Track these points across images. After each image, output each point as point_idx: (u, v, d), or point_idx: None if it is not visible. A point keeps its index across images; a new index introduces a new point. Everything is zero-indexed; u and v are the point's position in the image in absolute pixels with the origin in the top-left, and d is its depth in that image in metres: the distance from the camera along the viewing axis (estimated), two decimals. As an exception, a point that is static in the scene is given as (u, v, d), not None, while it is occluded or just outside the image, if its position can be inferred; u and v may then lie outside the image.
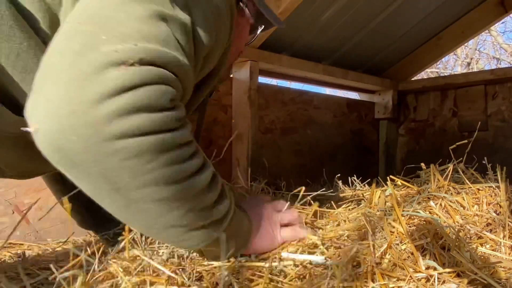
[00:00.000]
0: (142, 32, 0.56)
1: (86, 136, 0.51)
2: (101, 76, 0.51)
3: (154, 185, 0.57)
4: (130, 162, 0.54)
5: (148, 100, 0.54)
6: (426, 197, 0.96)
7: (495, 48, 7.79)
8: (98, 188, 0.56)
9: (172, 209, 0.60)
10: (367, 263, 0.70)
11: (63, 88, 0.51)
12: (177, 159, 0.58)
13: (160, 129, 0.56)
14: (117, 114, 0.51)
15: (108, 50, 0.52)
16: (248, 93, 1.63)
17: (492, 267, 0.67)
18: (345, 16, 1.80)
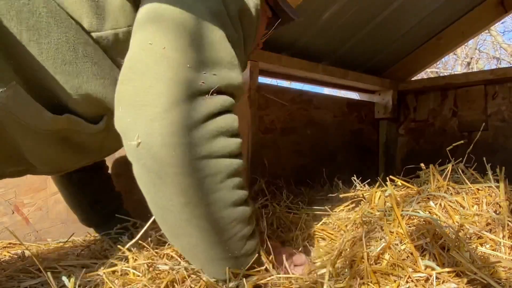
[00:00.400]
0: (217, 59, 0.67)
1: (183, 152, 0.61)
2: (194, 104, 0.62)
3: (218, 204, 0.65)
4: (207, 179, 0.63)
5: (226, 126, 0.66)
6: (425, 197, 0.96)
7: (495, 48, 7.79)
8: (173, 199, 0.64)
9: (224, 231, 0.67)
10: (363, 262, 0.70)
11: (163, 112, 0.61)
12: (238, 185, 0.68)
13: (232, 153, 0.66)
14: (206, 138, 0.63)
15: (196, 81, 0.63)
16: (248, 93, 1.63)
17: (491, 267, 0.67)
18: (345, 16, 1.80)
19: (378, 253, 0.76)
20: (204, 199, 0.64)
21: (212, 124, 0.64)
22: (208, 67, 0.65)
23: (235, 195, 0.67)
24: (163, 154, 0.61)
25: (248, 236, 0.72)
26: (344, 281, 0.67)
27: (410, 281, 0.68)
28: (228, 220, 0.67)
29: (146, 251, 0.85)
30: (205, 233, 0.67)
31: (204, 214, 0.65)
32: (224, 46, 0.68)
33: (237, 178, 0.68)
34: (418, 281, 0.67)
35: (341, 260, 0.77)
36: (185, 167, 0.62)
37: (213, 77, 0.65)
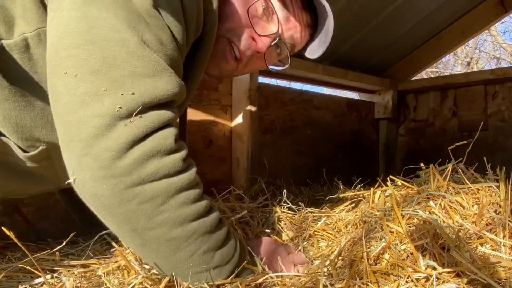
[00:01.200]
0: (134, 72, 0.62)
1: (112, 184, 0.61)
2: (114, 133, 0.60)
3: (166, 226, 0.64)
4: (145, 205, 0.62)
5: (156, 147, 0.63)
6: (425, 197, 0.96)
7: (495, 48, 7.79)
8: (120, 228, 0.65)
9: (180, 249, 0.66)
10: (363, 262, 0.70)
11: (87, 147, 0.61)
12: (186, 201, 0.66)
13: (170, 173, 0.64)
14: (134, 165, 0.61)
15: (112, 107, 0.61)
16: (248, 93, 1.63)
17: (492, 267, 0.67)
18: (345, 16, 1.80)
19: (378, 253, 0.76)
20: (149, 224, 0.63)
21: (139, 149, 0.61)
22: (125, 85, 0.61)
23: (184, 213, 0.65)
24: (96, 188, 0.62)
25: (215, 247, 0.69)
26: (344, 281, 0.66)
27: (410, 281, 0.68)
28: (182, 239, 0.65)
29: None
30: (164, 255, 0.66)
31: (154, 238, 0.64)
32: (141, 55, 0.63)
33: (184, 194, 0.65)
34: (418, 281, 0.67)
35: (341, 260, 0.77)
36: (117, 198, 0.61)
37: (131, 96, 0.61)
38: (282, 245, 0.87)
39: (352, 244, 0.85)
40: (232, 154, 1.69)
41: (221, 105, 1.66)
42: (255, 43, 0.84)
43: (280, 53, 0.92)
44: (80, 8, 0.62)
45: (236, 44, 0.83)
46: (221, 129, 1.66)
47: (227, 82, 1.68)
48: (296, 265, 0.81)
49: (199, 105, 1.58)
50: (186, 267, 0.67)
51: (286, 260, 0.81)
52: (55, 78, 0.63)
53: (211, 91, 1.62)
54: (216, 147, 1.63)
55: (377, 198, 1.05)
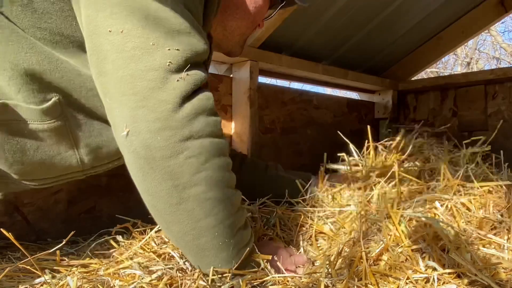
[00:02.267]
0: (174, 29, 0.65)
1: (167, 136, 0.64)
2: (169, 87, 0.64)
3: (205, 184, 0.66)
4: (191, 160, 0.65)
5: (203, 105, 0.67)
6: (432, 198, 0.95)
7: (495, 48, 7.78)
8: (161, 184, 0.65)
9: (212, 214, 0.67)
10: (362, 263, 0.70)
11: (143, 100, 0.63)
12: (223, 166, 0.69)
13: (213, 133, 0.68)
14: (186, 119, 0.64)
15: (164, 61, 0.64)
16: (248, 93, 1.62)
17: (493, 269, 0.67)
18: (345, 16, 1.80)
19: (377, 255, 0.76)
20: (191, 180, 0.65)
21: (190, 105, 0.65)
22: (168, 40, 0.65)
23: (222, 176, 0.68)
24: (150, 139, 0.63)
25: (239, 226, 0.71)
26: (343, 282, 0.66)
27: (409, 282, 0.68)
28: (216, 202, 0.67)
29: (145, 251, 0.85)
30: (194, 218, 0.67)
31: (192, 196, 0.66)
32: (178, 12, 0.67)
33: (223, 158, 0.69)
34: (418, 282, 0.67)
35: (340, 261, 0.77)
36: (170, 150, 0.64)
37: (176, 52, 0.65)
38: (283, 247, 0.87)
39: (351, 244, 0.85)
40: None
41: (221, 105, 1.66)
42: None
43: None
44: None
45: (248, 34, 0.96)
46: (221, 129, 1.65)
47: (227, 82, 1.68)
48: (298, 267, 0.81)
49: (199, 105, 1.58)
50: (211, 236, 0.68)
51: (287, 262, 0.81)
52: (99, 38, 0.65)
53: (211, 91, 1.62)
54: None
55: (375, 197, 1.05)
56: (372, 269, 0.70)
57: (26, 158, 0.76)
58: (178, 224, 0.68)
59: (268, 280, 0.72)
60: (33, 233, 1.16)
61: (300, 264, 0.82)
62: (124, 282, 0.70)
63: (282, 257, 0.81)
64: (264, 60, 1.68)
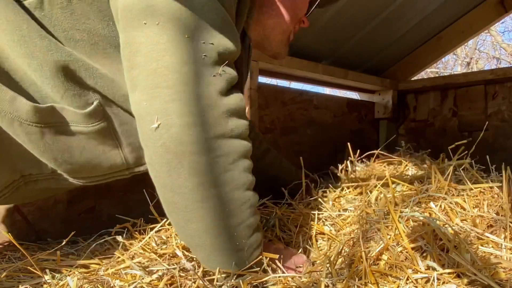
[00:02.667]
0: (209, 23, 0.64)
1: (199, 132, 0.63)
2: (203, 82, 0.63)
3: (230, 185, 0.66)
4: (220, 159, 0.65)
5: (236, 106, 0.67)
6: (426, 198, 0.96)
7: (495, 48, 7.79)
8: (187, 180, 0.64)
9: (234, 215, 0.67)
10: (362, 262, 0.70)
11: (177, 93, 0.62)
12: (247, 168, 0.69)
13: (242, 135, 0.68)
14: (220, 118, 0.64)
15: (198, 55, 0.63)
16: (248, 93, 1.62)
17: (492, 268, 0.67)
18: (345, 16, 1.80)
19: (377, 254, 0.76)
20: (217, 179, 0.65)
21: (224, 103, 0.65)
22: (202, 34, 0.64)
23: (246, 178, 0.68)
24: (181, 133, 0.62)
25: (254, 227, 0.71)
26: (343, 281, 0.67)
27: (409, 282, 0.68)
28: (239, 202, 0.67)
29: (145, 251, 0.85)
30: (215, 217, 0.66)
31: (216, 195, 0.65)
32: (213, 7, 0.66)
33: (247, 161, 0.69)
34: (417, 281, 0.67)
35: (340, 260, 0.77)
36: (200, 146, 0.63)
37: (211, 46, 0.64)
38: (284, 248, 0.87)
39: (351, 245, 0.85)
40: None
41: (221, 105, 1.66)
42: (303, 23, 0.98)
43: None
44: None
45: (289, 31, 0.96)
46: (221, 129, 1.65)
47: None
48: (298, 267, 0.82)
49: (199, 105, 1.58)
50: (228, 236, 0.68)
51: (288, 262, 0.81)
52: (133, 31, 0.64)
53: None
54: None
55: (373, 198, 1.05)
56: (372, 268, 0.70)
57: (73, 158, 0.76)
58: (198, 222, 0.67)
59: (269, 280, 0.72)
60: (33, 233, 1.16)
61: (301, 265, 0.82)
62: (125, 282, 0.70)
63: (283, 257, 0.82)
64: (264, 60, 1.69)
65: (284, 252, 0.85)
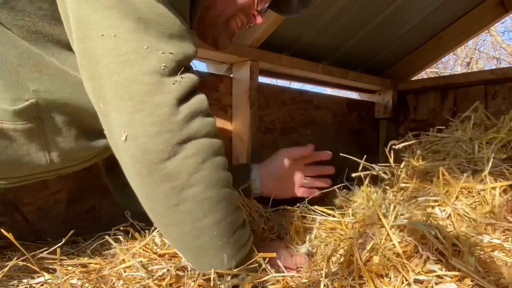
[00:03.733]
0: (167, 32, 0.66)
1: (165, 139, 0.64)
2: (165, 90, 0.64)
3: (203, 184, 0.66)
4: (189, 160, 0.65)
5: (199, 107, 0.67)
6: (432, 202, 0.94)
7: (495, 48, 7.78)
8: (159, 186, 0.65)
9: (210, 214, 0.67)
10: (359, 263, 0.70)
11: (140, 104, 0.63)
12: (220, 165, 0.69)
13: (210, 133, 0.68)
14: (183, 121, 0.65)
15: (158, 65, 0.64)
16: (248, 93, 1.62)
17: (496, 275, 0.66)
18: (345, 16, 1.80)
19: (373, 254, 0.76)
20: (189, 180, 0.65)
21: (186, 107, 0.66)
22: (161, 44, 0.65)
23: (219, 175, 0.69)
24: (147, 143, 0.63)
25: (237, 225, 0.71)
26: (342, 282, 0.67)
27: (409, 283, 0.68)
28: (214, 201, 0.67)
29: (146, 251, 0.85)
30: (193, 218, 0.67)
31: (190, 196, 0.66)
32: (169, 16, 0.67)
33: (220, 158, 0.70)
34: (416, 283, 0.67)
35: (339, 261, 0.77)
36: (168, 153, 0.64)
37: (170, 56, 0.65)
38: (284, 248, 0.88)
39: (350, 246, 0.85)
40: (232, 154, 1.69)
41: (221, 105, 1.66)
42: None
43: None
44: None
45: (243, 21, 0.95)
46: (221, 129, 1.66)
47: (227, 82, 1.68)
48: (298, 267, 0.82)
49: (199, 105, 1.58)
50: (209, 236, 0.68)
51: (288, 262, 0.82)
52: (91, 42, 0.64)
53: (211, 91, 1.62)
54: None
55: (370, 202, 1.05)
56: (369, 268, 0.70)
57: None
58: (176, 225, 0.68)
59: (269, 279, 0.72)
60: (33, 233, 1.16)
61: (301, 265, 0.82)
62: (126, 282, 0.70)
63: (283, 257, 0.82)
64: (264, 60, 1.68)
65: (285, 251, 0.85)
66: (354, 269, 0.70)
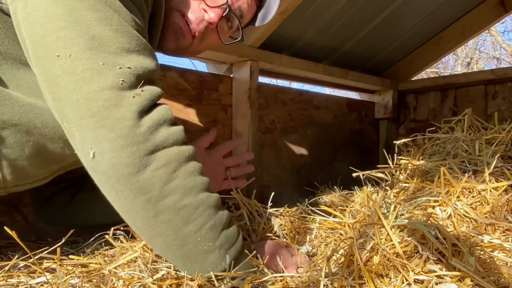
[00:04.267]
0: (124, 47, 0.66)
1: (131, 152, 0.63)
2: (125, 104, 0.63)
3: (178, 192, 0.66)
4: (160, 171, 0.65)
5: (162, 117, 0.67)
6: (433, 202, 0.94)
7: (495, 48, 7.79)
8: (134, 199, 0.65)
9: (190, 221, 0.67)
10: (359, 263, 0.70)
11: (102, 120, 0.63)
12: (194, 170, 0.69)
13: (178, 140, 0.68)
14: (148, 133, 0.64)
15: (116, 80, 0.64)
16: (248, 93, 1.62)
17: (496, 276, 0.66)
18: (345, 16, 1.80)
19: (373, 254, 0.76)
20: (163, 190, 0.65)
21: (149, 118, 0.65)
22: (118, 59, 0.65)
23: (194, 181, 0.68)
24: (115, 158, 0.63)
25: (221, 228, 0.71)
26: (342, 282, 0.67)
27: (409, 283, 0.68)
28: (192, 208, 0.67)
29: (146, 251, 0.85)
30: (173, 228, 0.67)
31: (167, 207, 0.66)
32: (125, 31, 0.67)
33: (192, 163, 0.69)
34: (416, 283, 0.67)
35: (338, 261, 0.77)
36: (136, 166, 0.64)
37: (128, 70, 0.65)
38: (285, 247, 0.87)
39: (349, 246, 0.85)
40: (232, 154, 1.69)
41: (221, 105, 1.66)
42: (207, 13, 0.88)
43: (231, 26, 0.96)
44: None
45: (189, 16, 0.87)
46: (221, 129, 1.66)
47: (227, 82, 1.68)
48: (299, 267, 0.82)
49: (199, 105, 1.58)
50: (194, 243, 0.68)
51: (289, 262, 0.81)
52: (48, 63, 0.65)
53: (211, 91, 1.62)
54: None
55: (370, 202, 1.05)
56: (369, 268, 0.70)
57: None
58: (159, 237, 0.68)
59: (268, 280, 0.72)
60: (33, 233, 1.16)
61: (301, 264, 0.82)
62: (126, 282, 0.70)
63: (283, 256, 0.82)
64: (264, 60, 1.69)
65: (285, 251, 0.85)
66: (354, 269, 0.70)
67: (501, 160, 1.06)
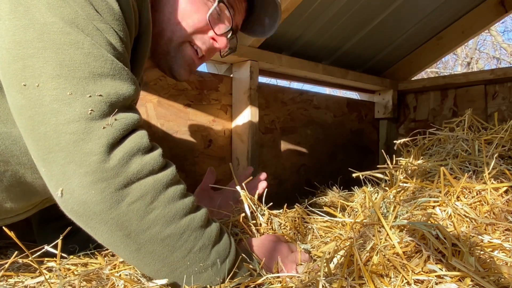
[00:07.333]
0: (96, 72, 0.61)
1: (101, 189, 0.59)
2: (93, 137, 0.59)
3: (159, 224, 0.63)
4: (136, 205, 0.61)
5: (135, 146, 0.63)
6: (433, 202, 0.94)
7: (495, 48, 7.79)
8: (113, 235, 0.62)
9: (176, 248, 0.65)
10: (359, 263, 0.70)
11: (69, 155, 0.59)
12: (174, 196, 0.65)
13: (154, 169, 0.64)
14: (119, 166, 0.60)
15: (84, 110, 0.60)
16: (248, 93, 1.62)
17: (496, 276, 0.66)
18: (345, 16, 1.80)
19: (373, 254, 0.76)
20: (141, 224, 0.62)
21: (120, 150, 0.61)
22: (89, 86, 0.60)
23: (174, 208, 0.65)
24: (84, 195, 0.60)
25: (210, 246, 0.68)
26: (341, 282, 0.66)
27: (409, 283, 0.68)
28: (177, 236, 0.64)
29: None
30: (160, 257, 0.64)
31: (149, 239, 0.63)
32: (97, 55, 0.62)
33: (171, 189, 0.65)
34: (416, 283, 0.67)
35: (338, 261, 0.77)
36: (108, 202, 0.60)
37: (99, 98, 0.61)
38: (285, 243, 0.86)
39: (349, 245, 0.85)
40: (232, 154, 1.69)
41: (221, 105, 1.66)
42: (217, 42, 0.91)
43: (230, 40, 0.98)
44: (24, 16, 0.60)
45: (200, 46, 0.90)
46: (221, 129, 1.66)
47: (227, 82, 1.68)
48: (298, 264, 0.81)
49: (199, 105, 1.58)
50: (184, 267, 0.66)
51: (288, 259, 0.81)
52: (13, 92, 0.61)
53: (211, 91, 1.62)
54: (216, 147, 1.63)
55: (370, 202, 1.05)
56: (370, 268, 0.70)
57: None
58: (147, 266, 0.65)
59: (266, 281, 0.72)
60: (33, 233, 1.16)
61: (302, 262, 0.82)
62: (126, 282, 0.70)
63: (283, 254, 0.81)
64: (264, 60, 1.69)
65: (286, 247, 0.84)
66: (354, 269, 0.70)
67: (501, 160, 1.06)
